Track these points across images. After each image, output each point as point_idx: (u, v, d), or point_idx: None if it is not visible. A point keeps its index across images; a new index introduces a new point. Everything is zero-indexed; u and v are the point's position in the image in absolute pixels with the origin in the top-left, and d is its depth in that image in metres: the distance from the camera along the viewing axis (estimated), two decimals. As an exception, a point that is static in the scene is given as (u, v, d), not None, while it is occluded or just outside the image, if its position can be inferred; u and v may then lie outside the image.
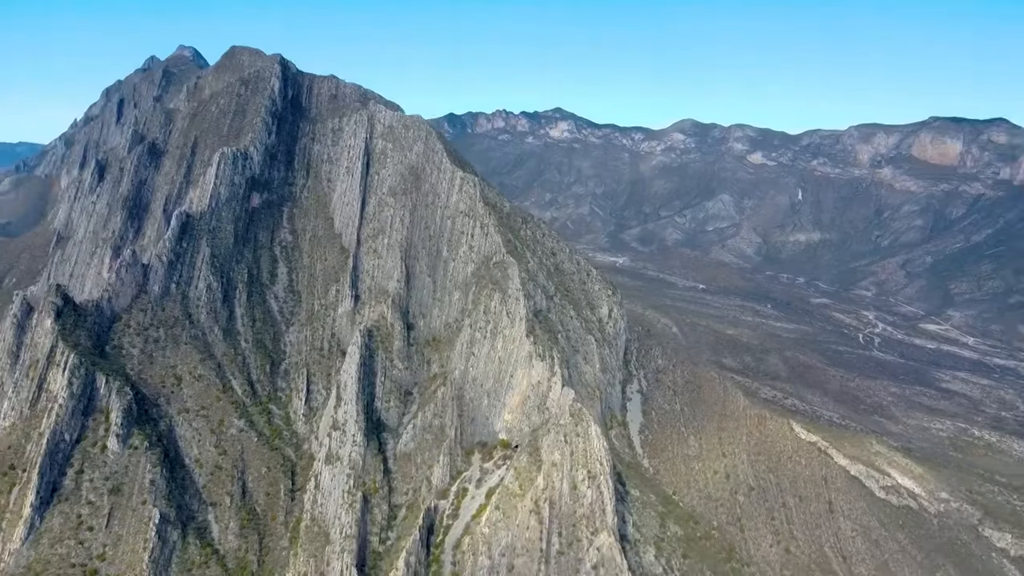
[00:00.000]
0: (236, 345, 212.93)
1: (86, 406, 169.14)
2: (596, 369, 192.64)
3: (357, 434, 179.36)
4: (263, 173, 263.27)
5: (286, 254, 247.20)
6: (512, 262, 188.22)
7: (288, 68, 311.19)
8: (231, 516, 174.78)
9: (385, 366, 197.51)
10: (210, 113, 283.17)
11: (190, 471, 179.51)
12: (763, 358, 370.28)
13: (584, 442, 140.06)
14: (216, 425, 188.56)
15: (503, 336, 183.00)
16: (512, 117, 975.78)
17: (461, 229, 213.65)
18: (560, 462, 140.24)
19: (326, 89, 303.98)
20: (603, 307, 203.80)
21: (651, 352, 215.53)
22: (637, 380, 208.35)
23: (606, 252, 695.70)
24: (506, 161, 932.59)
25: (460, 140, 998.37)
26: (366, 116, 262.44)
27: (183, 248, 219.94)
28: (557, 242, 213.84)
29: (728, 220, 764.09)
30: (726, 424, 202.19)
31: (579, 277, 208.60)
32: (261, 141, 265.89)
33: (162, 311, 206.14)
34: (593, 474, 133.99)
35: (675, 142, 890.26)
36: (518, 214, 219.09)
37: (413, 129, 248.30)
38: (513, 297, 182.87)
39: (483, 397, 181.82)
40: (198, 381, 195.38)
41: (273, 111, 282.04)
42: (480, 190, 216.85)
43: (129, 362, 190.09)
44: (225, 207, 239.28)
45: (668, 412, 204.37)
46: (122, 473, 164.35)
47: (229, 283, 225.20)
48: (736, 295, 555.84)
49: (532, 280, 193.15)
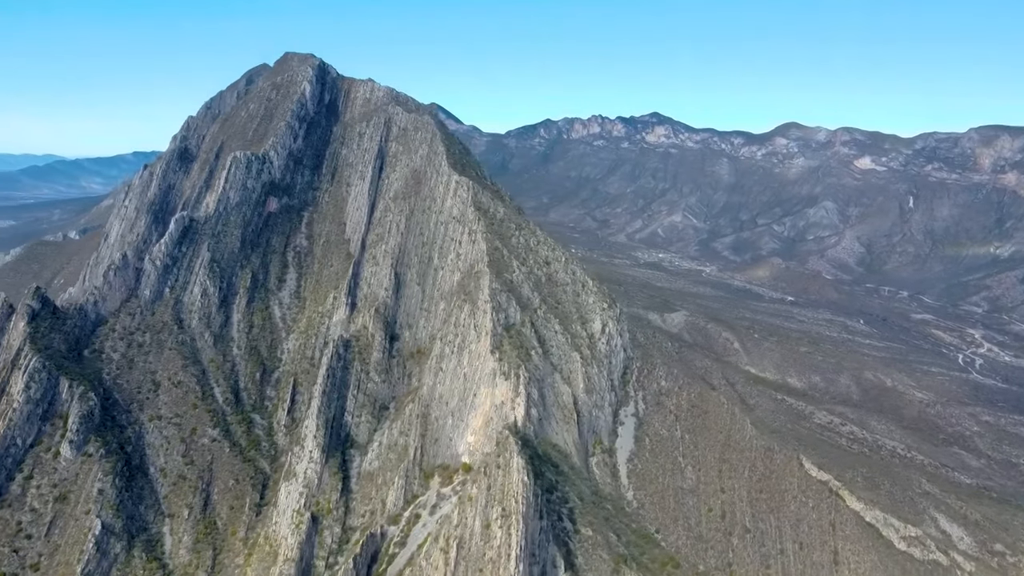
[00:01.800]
0: (227, 352, 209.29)
1: (45, 410, 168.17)
2: (579, 389, 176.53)
3: (314, 450, 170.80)
4: (284, 177, 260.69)
5: (299, 260, 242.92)
6: (485, 272, 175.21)
7: (327, 72, 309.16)
8: (186, 529, 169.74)
9: (360, 378, 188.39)
10: (239, 118, 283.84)
11: (153, 480, 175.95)
12: (834, 379, 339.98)
13: (504, 475, 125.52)
14: (188, 434, 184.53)
15: (469, 351, 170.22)
16: (608, 122, 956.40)
17: (452, 236, 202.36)
18: (476, 496, 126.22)
19: (361, 93, 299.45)
20: (596, 322, 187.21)
21: (654, 372, 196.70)
22: (634, 402, 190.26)
23: (693, 261, 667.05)
24: (600, 167, 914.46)
25: (556, 146, 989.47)
26: (383, 119, 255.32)
27: (182, 252, 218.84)
28: (553, 250, 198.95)
29: (830, 229, 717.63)
30: (729, 455, 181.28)
31: (573, 289, 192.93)
32: (284, 145, 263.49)
33: (151, 315, 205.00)
34: (507, 512, 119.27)
35: (777, 147, 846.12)
36: (514, 220, 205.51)
37: (421, 131, 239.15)
38: (481, 310, 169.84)
39: (448, 416, 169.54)
40: (176, 388, 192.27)
41: (302, 115, 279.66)
42: (473, 194, 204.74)
43: (107, 367, 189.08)
44: (234, 211, 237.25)
45: (665, 439, 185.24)
46: (71, 481, 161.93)
47: (230, 288, 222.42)
48: (827, 309, 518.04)
49: (510, 291, 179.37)
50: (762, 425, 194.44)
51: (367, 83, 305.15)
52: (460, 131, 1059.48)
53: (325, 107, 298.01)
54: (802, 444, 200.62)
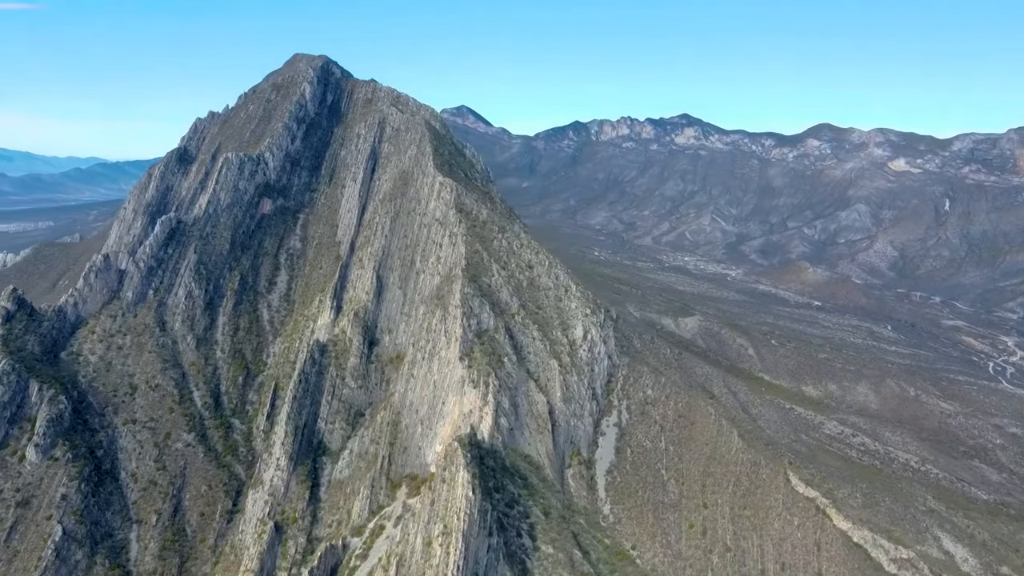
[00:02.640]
0: (209, 355, 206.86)
1: (14, 413, 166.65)
2: (556, 398, 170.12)
3: (282, 457, 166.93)
4: (280, 179, 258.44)
5: (291, 262, 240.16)
6: (457, 276, 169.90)
7: (330, 74, 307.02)
8: (153, 536, 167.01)
9: (335, 384, 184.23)
10: (238, 119, 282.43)
11: (122, 486, 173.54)
12: (852, 387, 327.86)
13: (448, 490, 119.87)
14: (162, 438, 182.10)
15: (439, 358, 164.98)
16: (637, 124, 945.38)
17: (433, 238, 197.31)
18: (419, 512, 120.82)
19: (362, 94, 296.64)
20: (577, 328, 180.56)
21: (640, 380, 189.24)
22: (617, 412, 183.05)
23: (720, 264, 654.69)
24: (629, 169, 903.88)
25: (585, 148, 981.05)
26: (377, 120, 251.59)
27: (167, 254, 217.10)
28: (536, 254, 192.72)
29: (862, 232, 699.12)
30: (713, 469, 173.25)
31: (555, 294, 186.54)
32: (280, 147, 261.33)
33: (133, 317, 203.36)
34: (448, 529, 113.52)
35: (809, 148, 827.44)
36: (497, 222, 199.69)
37: (411, 131, 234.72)
38: (451, 315, 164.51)
39: (417, 425, 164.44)
40: (153, 391, 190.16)
41: (301, 117, 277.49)
42: (456, 196, 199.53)
43: (84, 369, 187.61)
44: (225, 213, 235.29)
45: (649, 451, 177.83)
46: (35, 485, 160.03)
47: (217, 290, 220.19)
48: (854, 314, 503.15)
49: (484, 296, 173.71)
50: (752, 437, 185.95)
51: (369, 84, 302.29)
52: (489, 133, 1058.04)
53: (327, 108, 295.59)
54: (798, 457, 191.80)
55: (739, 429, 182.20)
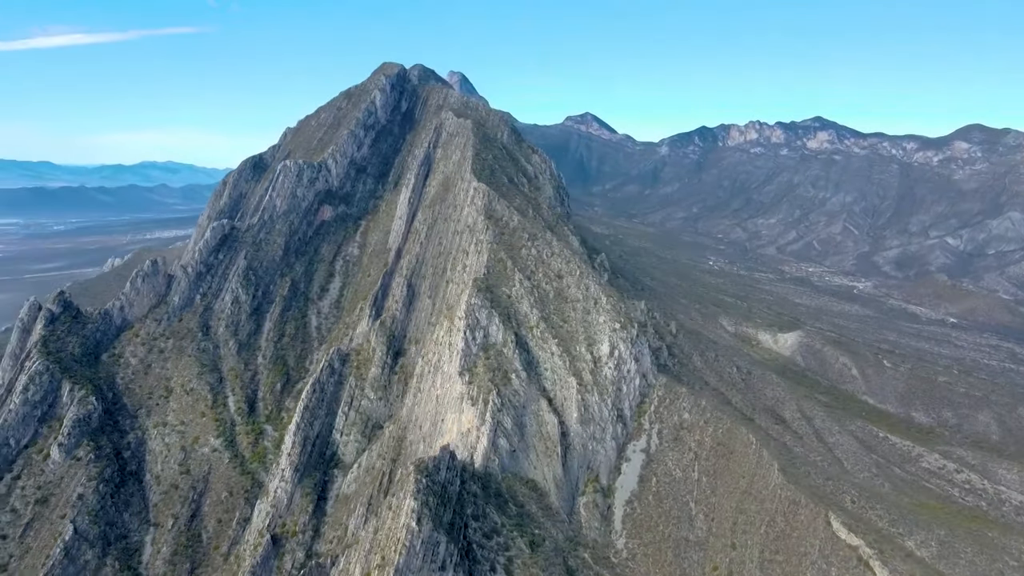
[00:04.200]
0: (250, 360, 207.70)
1: (44, 412, 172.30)
2: (572, 419, 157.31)
3: (287, 468, 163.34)
4: (343, 186, 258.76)
5: (346, 269, 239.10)
6: (466, 285, 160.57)
7: (406, 81, 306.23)
8: (167, 540, 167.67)
9: (353, 395, 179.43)
10: (309, 127, 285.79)
11: (145, 488, 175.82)
12: (971, 415, 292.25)
13: (392, 518, 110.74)
14: (189, 442, 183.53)
15: (442, 373, 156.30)
16: (766, 128, 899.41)
17: (463, 246, 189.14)
18: (363, 540, 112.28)
19: (435, 100, 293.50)
20: (604, 343, 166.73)
21: (676, 402, 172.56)
22: (647, 436, 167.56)
23: (847, 276, 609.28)
24: (756, 175, 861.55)
25: (710, 154, 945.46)
26: (434, 125, 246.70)
27: (218, 260, 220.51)
28: (567, 263, 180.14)
29: (1016, 243, 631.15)
30: (747, 505, 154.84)
31: (583, 306, 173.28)
32: (344, 153, 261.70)
33: (178, 321, 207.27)
34: (385, 562, 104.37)
35: (957, 151, 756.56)
36: (529, 230, 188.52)
37: (458, 136, 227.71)
38: (456, 327, 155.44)
39: (420, 441, 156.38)
40: (187, 395, 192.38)
41: (369, 124, 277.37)
42: (487, 201, 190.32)
43: (123, 371, 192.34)
44: (280, 219, 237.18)
45: (678, 481, 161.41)
46: (55, 484, 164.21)
47: (266, 296, 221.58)
48: (994, 333, 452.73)
49: (497, 308, 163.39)
50: (800, 471, 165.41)
51: (442, 89, 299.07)
52: (613, 140, 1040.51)
53: (401, 115, 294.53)
54: (863, 495, 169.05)
55: (782, 462, 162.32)
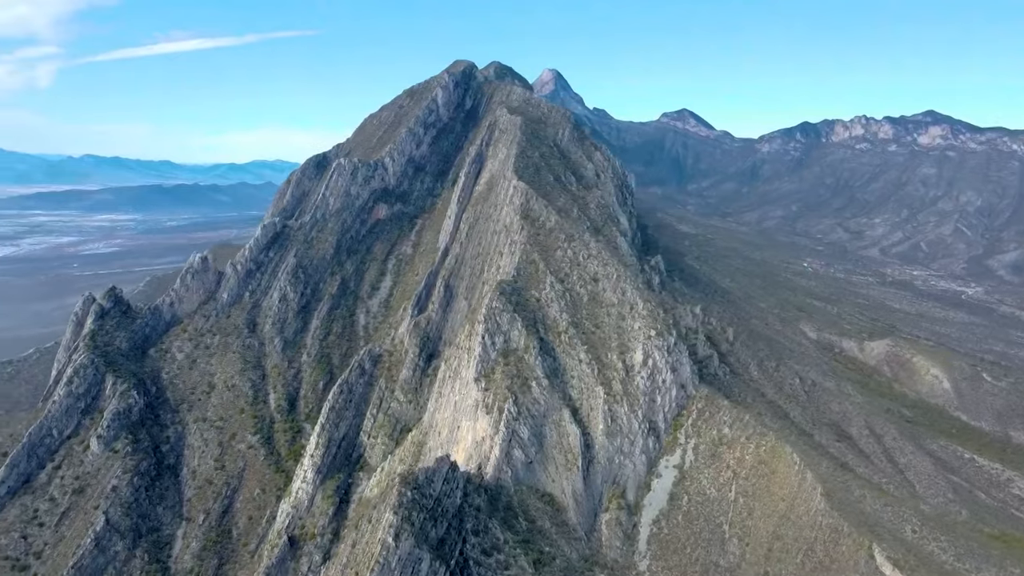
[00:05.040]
0: (294, 358, 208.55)
1: (88, 404, 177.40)
2: (597, 431, 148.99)
3: (309, 469, 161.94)
4: (400, 184, 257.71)
5: (398, 268, 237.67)
6: (489, 288, 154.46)
7: (472, 78, 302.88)
8: (197, 535, 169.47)
9: (383, 396, 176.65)
10: (371, 125, 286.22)
11: (181, 482, 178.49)
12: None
13: (371, 532, 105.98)
14: (227, 438, 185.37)
15: (460, 378, 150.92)
16: (873, 123, 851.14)
17: (498, 247, 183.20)
18: (339, 554, 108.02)
19: (499, 97, 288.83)
20: (637, 351, 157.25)
21: (716, 416, 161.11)
22: (681, 451, 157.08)
23: (956, 280, 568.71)
24: (861, 173, 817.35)
25: (813, 151, 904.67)
26: (488, 123, 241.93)
27: (268, 258, 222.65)
28: (605, 266, 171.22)
29: None
30: (785, 531, 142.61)
31: (618, 311, 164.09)
32: (402, 152, 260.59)
33: (226, 318, 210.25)
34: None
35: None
36: (566, 230, 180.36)
37: (507, 133, 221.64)
38: (475, 331, 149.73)
39: (438, 448, 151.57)
40: (229, 391, 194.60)
41: (430, 121, 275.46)
42: (525, 200, 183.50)
43: (168, 366, 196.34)
44: (333, 218, 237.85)
45: (712, 501, 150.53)
46: (93, 475, 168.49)
47: (315, 294, 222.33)
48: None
49: (521, 312, 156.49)
50: (854, 495, 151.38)
51: (506, 86, 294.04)
52: (711, 137, 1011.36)
53: (464, 113, 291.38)
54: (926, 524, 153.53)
55: (830, 484, 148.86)
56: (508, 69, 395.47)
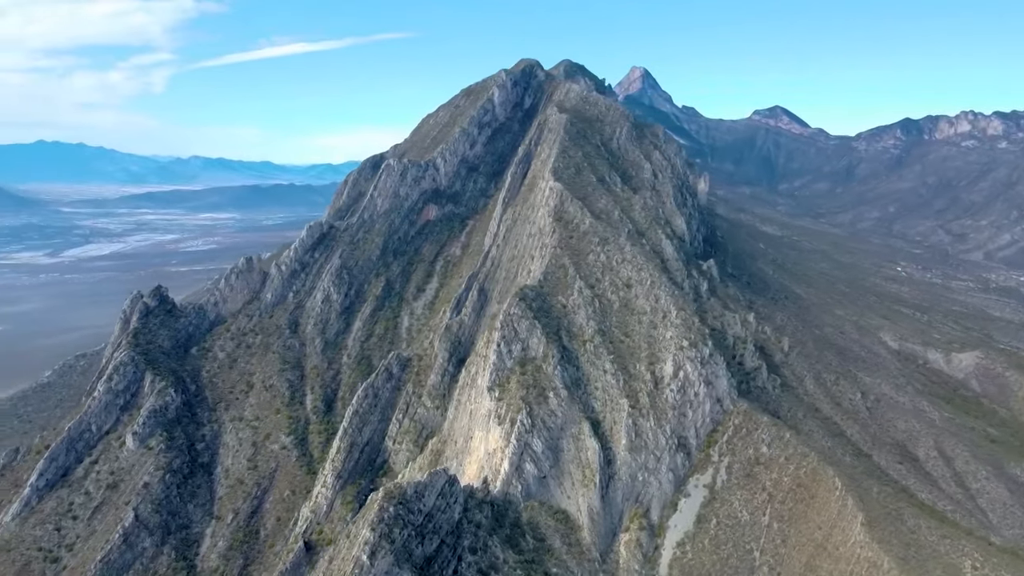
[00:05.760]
0: (334, 359, 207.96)
1: (127, 401, 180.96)
2: (620, 446, 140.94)
3: (329, 474, 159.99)
4: (452, 185, 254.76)
5: (445, 270, 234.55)
6: (509, 292, 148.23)
7: (532, 77, 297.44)
8: (225, 534, 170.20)
9: (410, 402, 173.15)
10: (427, 126, 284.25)
11: (214, 481, 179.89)
12: None
13: (347, 549, 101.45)
14: (261, 438, 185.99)
15: (475, 387, 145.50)
16: (982, 119, 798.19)
17: (530, 250, 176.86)
18: (318, 569, 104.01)
19: (558, 95, 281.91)
20: (667, 362, 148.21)
21: (754, 433, 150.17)
22: (713, 470, 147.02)
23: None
24: (966, 172, 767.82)
25: (914, 149, 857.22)
26: (538, 122, 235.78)
27: (313, 258, 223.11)
28: (639, 271, 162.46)
29: None
30: (820, 562, 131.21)
31: (650, 319, 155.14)
32: (455, 152, 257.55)
33: (269, 318, 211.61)
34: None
35: None
36: (601, 233, 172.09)
37: (553, 132, 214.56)
38: (492, 338, 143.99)
39: (454, 457, 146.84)
40: (266, 391, 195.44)
41: (485, 121, 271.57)
42: (559, 201, 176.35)
43: (209, 365, 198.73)
44: (381, 219, 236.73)
45: (743, 524, 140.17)
46: (126, 471, 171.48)
47: (359, 296, 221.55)
48: None
49: (542, 318, 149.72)
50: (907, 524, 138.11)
51: (565, 84, 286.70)
52: (805, 135, 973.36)
53: (523, 112, 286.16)
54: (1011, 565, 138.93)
55: (874, 512, 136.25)
56: (579, 67, 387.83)
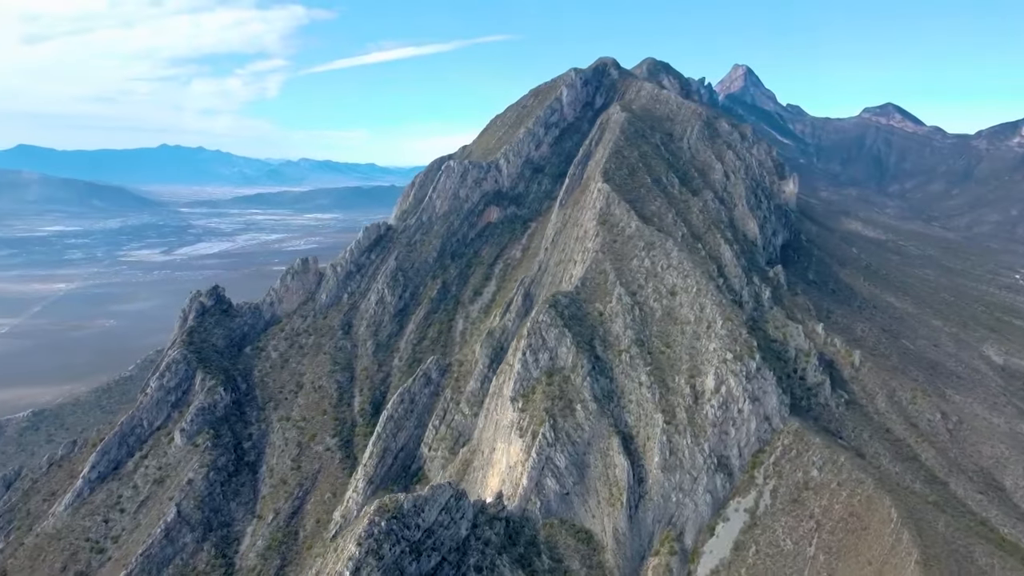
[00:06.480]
0: (385, 361, 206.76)
1: (178, 398, 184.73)
2: (652, 464, 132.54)
3: (361, 479, 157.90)
4: (515, 187, 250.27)
5: (504, 273, 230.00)
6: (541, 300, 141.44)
7: (605, 76, 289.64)
8: (264, 534, 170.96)
9: (447, 408, 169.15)
10: (493, 126, 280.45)
11: (259, 480, 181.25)
12: None
13: (333, 563, 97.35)
14: (306, 439, 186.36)
15: (501, 396, 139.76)
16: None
17: (573, 255, 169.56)
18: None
19: (630, 94, 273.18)
20: (709, 376, 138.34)
21: (804, 455, 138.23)
22: (757, 493, 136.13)
23: None
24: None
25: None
26: (600, 121, 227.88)
27: (369, 260, 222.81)
28: (684, 278, 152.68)
29: None
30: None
31: (693, 329, 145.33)
32: (519, 153, 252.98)
33: (323, 319, 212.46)
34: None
35: None
36: (647, 238, 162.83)
37: (609, 131, 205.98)
38: (518, 347, 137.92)
39: (480, 468, 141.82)
40: (315, 392, 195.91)
41: (552, 122, 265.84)
42: (606, 204, 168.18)
43: (261, 364, 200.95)
44: (439, 221, 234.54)
45: (787, 555, 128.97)
46: (173, 467, 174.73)
47: (414, 298, 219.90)
48: None
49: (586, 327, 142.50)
50: (980, 562, 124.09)
51: (637, 83, 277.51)
52: (919, 133, 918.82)
53: (593, 112, 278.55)
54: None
55: (935, 549, 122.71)
56: (663, 65, 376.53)
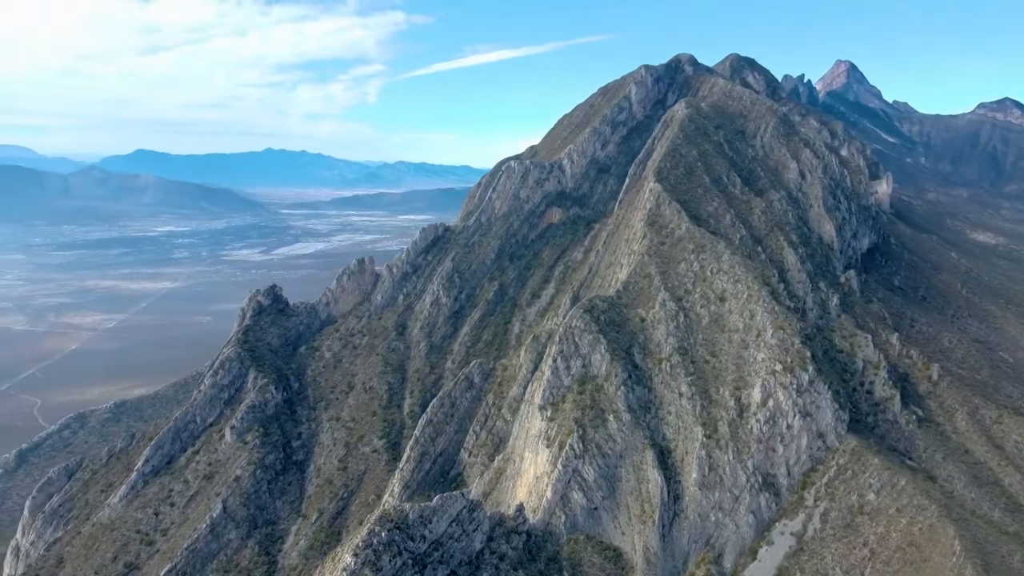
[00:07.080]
0: (438, 363, 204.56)
1: (231, 396, 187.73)
2: (690, 480, 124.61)
3: (396, 484, 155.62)
4: (579, 187, 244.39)
5: (564, 275, 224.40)
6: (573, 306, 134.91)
7: (678, 72, 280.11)
8: (307, 534, 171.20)
9: (488, 414, 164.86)
10: (560, 125, 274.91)
11: (306, 479, 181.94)
12: None
13: (329, 573, 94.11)
14: (354, 439, 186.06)
15: (530, 403, 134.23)
16: None
17: (619, 257, 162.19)
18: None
19: (703, 91, 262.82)
20: (755, 388, 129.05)
21: (860, 477, 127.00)
22: (806, 516, 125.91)
23: None
24: None
25: None
26: (664, 118, 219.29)
27: (426, 261, 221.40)
28: (735, 284, 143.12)
29: None
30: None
31: (741, 338, 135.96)
32: (583, 152, 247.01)
33: (378, 320, 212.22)
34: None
35: None
36: (697, 240, 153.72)
37: (670, 127, 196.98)
38: (550, 354, 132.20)
39: (512, 478, 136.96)
40: (366, 392, 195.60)
41: (620, 120, 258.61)
42: (655, 204, 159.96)
43: (315, 364, 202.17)
44: (499, 222, 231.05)
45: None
46: (222, 463, 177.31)
47: (470, 300, 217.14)
48: None
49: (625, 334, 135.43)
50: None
51: (711, 79, 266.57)
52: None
53: (664, 110, 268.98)
54: None
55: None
56: (747, 61, 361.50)
